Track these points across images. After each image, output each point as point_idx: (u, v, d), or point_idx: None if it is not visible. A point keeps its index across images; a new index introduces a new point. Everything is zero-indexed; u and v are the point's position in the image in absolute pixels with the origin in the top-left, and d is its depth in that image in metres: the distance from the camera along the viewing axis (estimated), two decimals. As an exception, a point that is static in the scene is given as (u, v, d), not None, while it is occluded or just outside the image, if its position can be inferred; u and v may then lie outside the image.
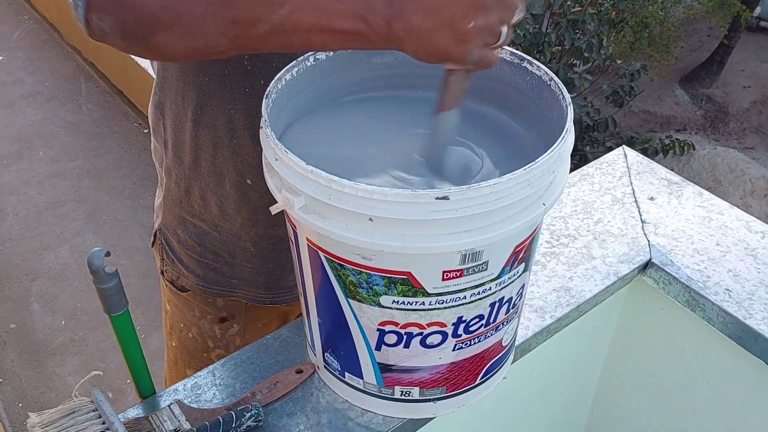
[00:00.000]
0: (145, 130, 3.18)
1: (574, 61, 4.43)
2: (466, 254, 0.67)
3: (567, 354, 1.09)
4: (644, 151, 4.51)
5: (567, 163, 0.71)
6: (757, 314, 0.94)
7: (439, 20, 0.61)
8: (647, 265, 1.03)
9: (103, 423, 0.76)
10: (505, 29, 0.63)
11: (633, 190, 1.15)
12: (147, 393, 0.85)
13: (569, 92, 3.63)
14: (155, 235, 1.14)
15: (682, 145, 4.80)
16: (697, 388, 1.07)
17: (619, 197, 1.14)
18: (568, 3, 4.29)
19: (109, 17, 0.67)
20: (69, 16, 3.54)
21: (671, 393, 1.12)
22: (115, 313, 0.74)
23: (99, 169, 3.00)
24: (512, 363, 0.91)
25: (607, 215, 1.10)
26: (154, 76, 0.99)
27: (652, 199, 1.13)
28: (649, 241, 1.05)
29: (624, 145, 1.24)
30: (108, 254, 0.69)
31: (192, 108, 0.93)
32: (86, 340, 2.30)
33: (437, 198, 0.61)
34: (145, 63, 3.03)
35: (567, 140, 0.68)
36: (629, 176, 1.17)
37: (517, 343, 0.92)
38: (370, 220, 0.63)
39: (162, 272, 1.14)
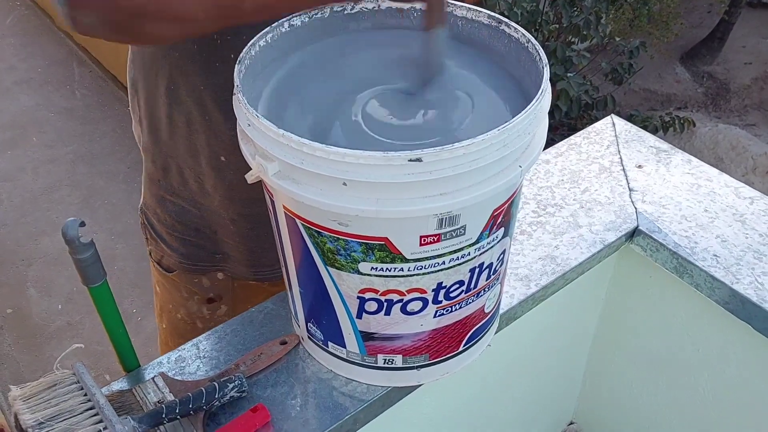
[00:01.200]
0: (140, 114, 3.17)
1: (572, 39, 4.40)
2: (442, 218, 0.66)
3: (556, 323, 1.08)
4: (644, 129, 4.50)
5: (544, 124, 0.70)
6: (745, 279, 0.94)
7: None
8: (634, 233, 1.02)
9: (85, 395, 0.75)
10: None
11: (621, 158, 1.14)
12: (131, 366, 0.85)
13: (568, 71, 3.58)
14: (140, 214, 1.13)
15: (682, 121, 4.78)
16: (687, 355, 1.07)
17: (607, 166, 1.13)
18: (566, -20, 4.25)
19: (95, 13, 0.66)
20: None
21: (662, 361, 1.12)
22: (93, 284, 0.73)
23: (93, 154, 2.99)
24: (498, 331, 0.91)
25: (594, 184, 1.09)
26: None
27: (640, 167, 1.12)
28: (636, 208, 1.05)
29: (613, 114, 1.23)
30: (83, 224, 0.69)
31: (164, 85, 0.92)
32: (83, 323, 2.31)
33: (410, 160, 0.60)
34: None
35: (543, 101, 0.67)
36: (617, 145, 1.16)
37: (501, 311, 0.91)
38: (344, 184, 0.63)
39: (150, 253, 1.14)
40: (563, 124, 4.54)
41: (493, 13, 0.77)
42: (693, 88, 7.85)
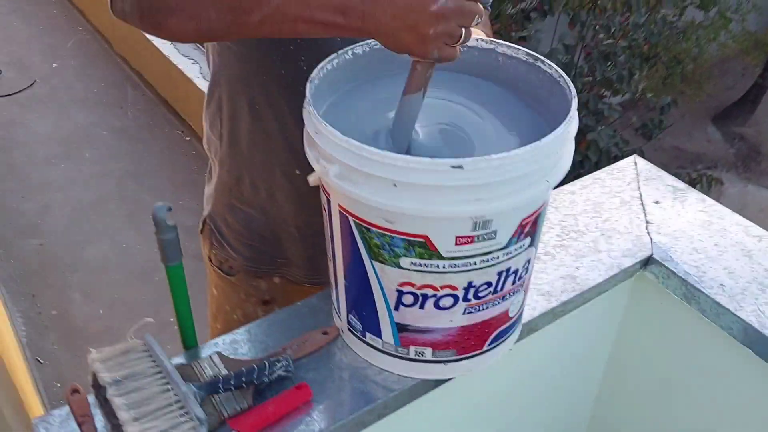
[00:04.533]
0: (187, 138, 3.34)
1: (605, 93, 4.52)
2: (477, 221, 0.76)
3: (573, 340, 1.17)
4: (671, 185, 4.55)
5: (570, 147, 0.81)
6: (748, 307, 1.02)
7: (404, 23, 0.72)
8: (649, 261, 1.12)
9: (154, 362, 0.86)
10: (464, 31, 0.73)
11: (640, 194, 1.23)
12: (190, 344, 0.96)
13: (599, 123, 3.70)
14: (204, 222, 1.24)
15: (709, 180, 4.83)
16: (692, 378, 1.15)
17: (627, 200, 1.22)
18: (601, 36, 4.39)
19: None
20: (120, 27, 3.71)
21: (671, 384, 1.20)
22: (172, 263, 0.85)
23: (141, 172, 3.16)
24: (519, 339, 1.00)
25: (614, 215, 1.19)
26: (209, 71, 1.11)
27: (657, 202, 1.21)
28: (651, 239, 1.14)
29: (635, 155, 1.33)
30: (170, 209, 0.80)
31: (248, 104, 1.04)
32: (122, 329, 2.41)
33: (452, 166, 0.71)
34: (191, 73, 3.20)
35: (570, 125, 0.78)
36: (638, 182, 1.26)
37: (524, 321, 1.00)
38: (394, 185, 0.74)
39: (210, 259, 1.25)
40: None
41: (530, 51, 0.88)
42: (723, 149, 7.90)
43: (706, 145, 7.99)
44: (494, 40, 0.91)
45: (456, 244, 0.78)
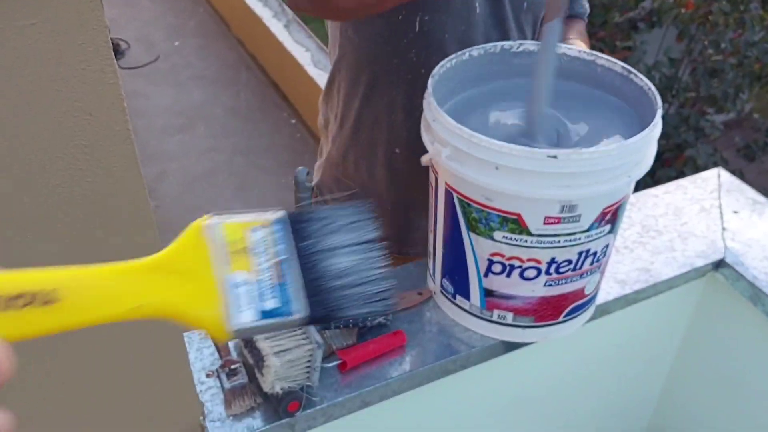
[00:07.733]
0: (292, 120, 3.56)
1: (708, 109, 4.46)
2: (564, 205, 0.89)
3: (644, 328, 1.28)
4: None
5: (653, 149, 0.93)
6: (810, 313, 1.11)
7: None
8: (720, 264, 1.21)
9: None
10: None
11: (720, 203, 1.32)
12: (306, 289, 1.13)
13: (698, 139, 3.70)
14: (312, 190, 1.43)
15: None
16: (754, 373, 1.23)
17: (707, 208, 1.32)
18: (709, 51, 4.32)
19: None
20: (238, 10, 4.02)
21: (735, 381, 1.29)
22: (301, 217, 1.02)
23: (250, 149, 3.40)
24: (593, 319, 1.12)
25: (693, 219, 1.29)
26: (330, 64, 1.28)
27: (735, 212, 1.30)
28: (725, 244, 1.23)
29: (720, 167, 1.41)
30: (309, 173, 0.97)
31: (363, 89, 1.20)
32: (223, 288, 2.67)
33: (549, 156, 0.85)
34: (303, 60, 3.42)
35: (654, 130, 0.89)
36: (719, 192, 1.35)
37: (598, 303, 1.12)
38: (497, 168, 0.88)
39: None
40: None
41: (625, 65, 1.00)
42: (833, 178, 7.55)
43: (814, 173, 7.65)
44: (594, 52, 1.03)
45: (544, 223, 0.91)
